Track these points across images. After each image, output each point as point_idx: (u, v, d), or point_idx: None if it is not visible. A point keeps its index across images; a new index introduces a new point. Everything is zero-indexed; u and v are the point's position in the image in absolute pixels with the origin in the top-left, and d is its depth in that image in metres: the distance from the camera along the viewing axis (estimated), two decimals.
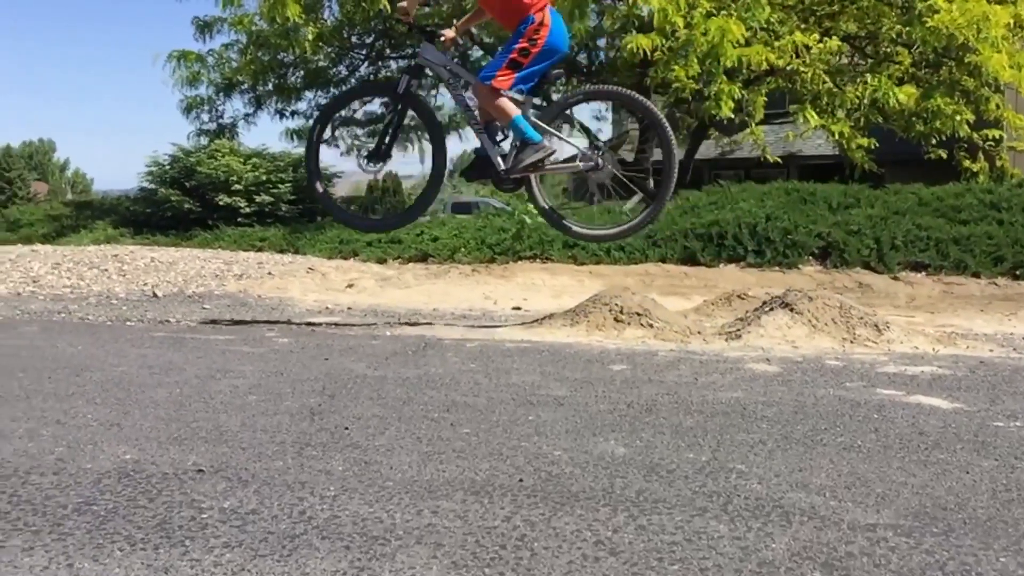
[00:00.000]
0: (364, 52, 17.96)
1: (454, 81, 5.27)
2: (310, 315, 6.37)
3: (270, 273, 9.16)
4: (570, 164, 5.24)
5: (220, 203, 17.93)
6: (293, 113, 18.41)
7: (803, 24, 13.73)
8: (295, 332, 5.28)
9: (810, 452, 2.69)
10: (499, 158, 5.11)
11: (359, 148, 15.50)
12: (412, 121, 17.47)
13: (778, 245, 10.17)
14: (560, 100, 5.56)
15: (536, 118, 5.09)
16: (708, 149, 20.56)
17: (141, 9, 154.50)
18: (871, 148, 13.74)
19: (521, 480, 2.40)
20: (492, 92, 4.90)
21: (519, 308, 7.16)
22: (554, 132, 5.17)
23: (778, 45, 12.77)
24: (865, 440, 2.83)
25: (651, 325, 5.02)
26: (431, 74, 5.66)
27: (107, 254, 9.79)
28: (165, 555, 1.89)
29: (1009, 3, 13.09)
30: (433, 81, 13.67)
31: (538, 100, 5.25)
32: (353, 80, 18.05)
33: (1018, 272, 9.36)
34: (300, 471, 2.47)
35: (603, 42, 16.18)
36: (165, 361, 4.21)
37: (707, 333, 5.00)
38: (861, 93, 13.10)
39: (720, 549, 1.94)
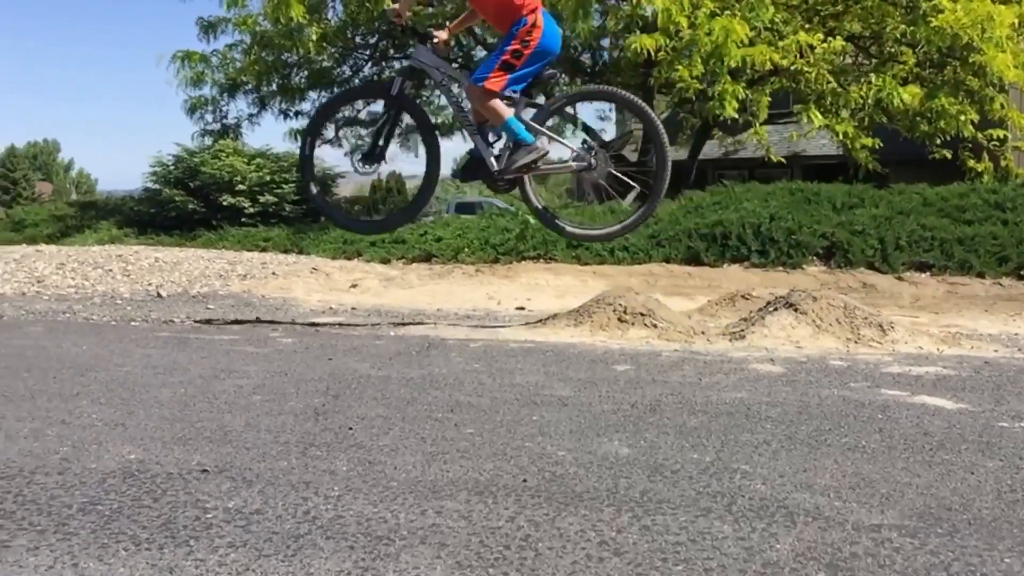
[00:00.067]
0: (368, 52, 17.98)
1: (447, 83, 5.29)
2: (314, 315, 6.38)
3: (274, 273, 9.17)
4: (563, 165, 5.27)
5: (224, 203, 17.93)
6: (297, 113, 18.45)
7: (807, 24, 13.72)
8: (299, 332, 5.28)
9: (814, 452, 2.69)
10: (492, 159, 5.13)
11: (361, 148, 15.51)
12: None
13: (782, 245, 10.16)
14: (553, 101, 5.59)
15: (529, 119, 5.12)
16: (712, 149, 20.54)
17: (145, 9, 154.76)
18: (875, 148, 13.73)
19: (525, 480, 2.40)
20: (485, 94, 4.91)
21: (523, 308, 7.16)
22: (547, 133, 5.19)
23: (782, 45, 12.76)
24: (869, 440, 2.83)
25: (655, 325, 5.01)
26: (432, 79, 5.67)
27: (111, 254, 9.81)
28: (170, 555, 1.89)
29: (1014, 3, 13.08)
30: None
31: (540, 100, 5.27)
32: (357, 80, 18.07)
33: (1023, 272, 9.34)
34: (304, 471, 2.48)
35: (607, 42, 16.19)
36: (169, 361, 4.22)
37: (711, 333, 4.99)
38: (865, 93, 13.09)
39: (724, 549, 1.94)
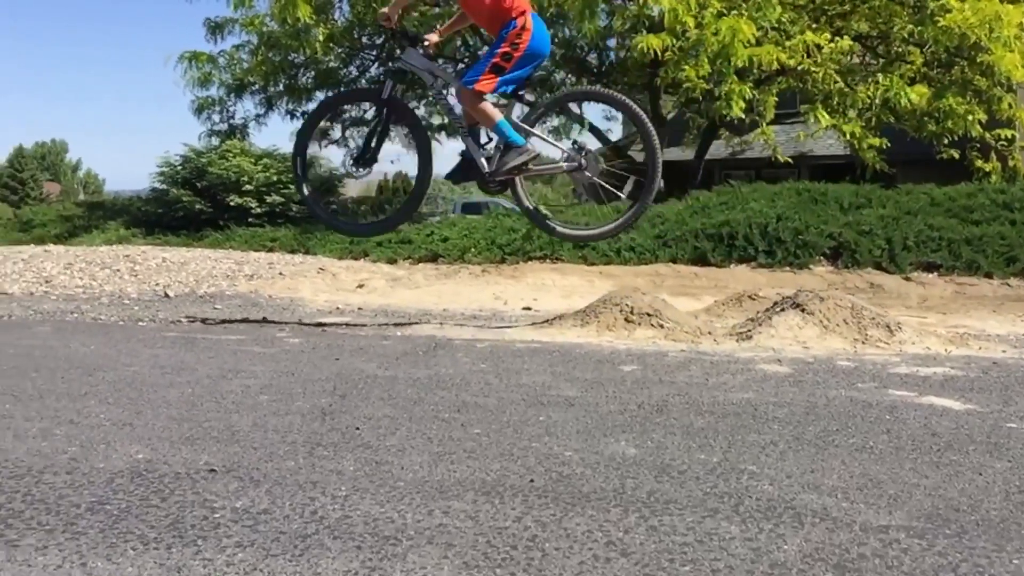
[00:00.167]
0: (374, 53, 17.99)
1: (438, 85, 5.33)
2: (321, 315, 6.38)
3: (281, 273, 9.18)
4: (554, 166, 5.31)
5: (231, 203, 17.98)
6: (304, 114, 18.46)
7: (814, 24, 13.69)
8: (306, 332, 5.29)
9: (822, 453, 2.69)
10: (483, 160, 5.18)
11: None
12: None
13: (789, 245, 10.14)
14: (544, 102, 5.62)
15: (520, 120, 5.16)
16: (719, 149, 20.50)
17: (153, 10, 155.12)
18: (883, 148, 13.68)
19: (532, 481, 2.40)
20: (475, 96, 4.97)
21: (529, 308, 7.16)
22: (537, 134, 5.25)
23: (789, 45, 12.74)
24: (877, 441, 2.82)
25: (662, 326, 5.01)
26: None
27: (119, 254, 9.83)
28: (178, 554, 1.90)
29: (1022, 2, 13.02)
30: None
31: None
32: (364, 81, 18.09)
33: None
34: (311, 471, 2.48)
35: (613, 42, 16.18)
36: (177, 361, 4.23)
37: (718, 334, 4.98)
38: (873, 93, 13.05)
39: (732, 550, 1.93)
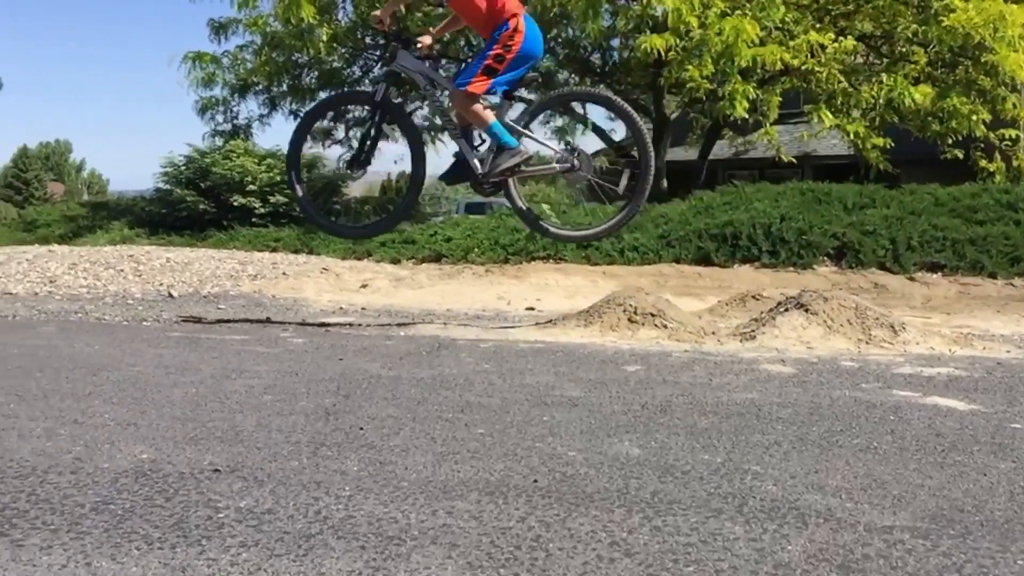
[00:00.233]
0: (378, 53, 17.99)
1: (430, 88, 5.35)
2: (324, 315, 6.39)
3: (284, 273, 9.19)
4: (547, 167, 5.35)
5: (235, 203, 17.99)
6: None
7: (818, 23, 13.67)
8: (309, 332, 5.30)
9: (826, 454, 2.68)
10: (477, 162, 5.20)
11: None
12: (425, 122, 17.50)
13: (793, 246, 10.13)
14: (535, 104, 5.64)
15: (512, 122, 5.19)
16: (722, 149, 20.50)
17: (157, 10, 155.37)
18: (886, 148, 13.67)
19: (536, 481, 2.40)
20: (468, 98, 4.99)
21: (533, 308, 7.16)
22: (530, 135, 5.28)
23: (793, 45, 12.72)
24: (881, 442, 2.82)
25: (665, 326, 5.01)
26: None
27: (123, 254, 9.85)
28: (182, 554, 1.90)
29: None
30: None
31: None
32: (367, 81, 18.09)
33: None
34: (315, 471, 2.48)
35: (617, 42, 16.17)
36: (181, 361, 4.23)
37: (721, 334, 4.98)
38: (876, 93, 13.03)
39: (736, 551, 1.93)
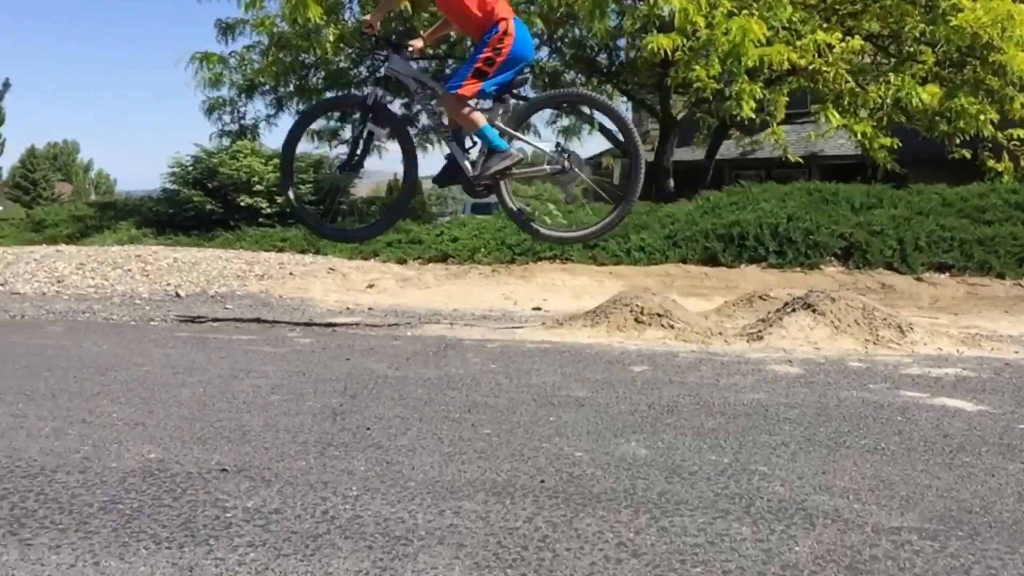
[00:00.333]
0: (384, 54, 18.00)
1: (421, 91, 5.40)
2: (331, 315, 6.40)
3: (291, 273, 9.21)
4: (538, 168, 5.38)
5: (242, 204, 17.99)
6: None
7: (825, 23, 13.63)
8: (316, 332, 5.30)
9: (833, 454, 2.68)
10: (468, 164, 5.24)
11: (379, 149, 15.52)
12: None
13: (800, 246, 10.11)
14: (525, 105, 5.66)
15: (503, 124, 5.22)
16: (729, 149, 20.47)
17: (163, 11, 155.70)
18: (894, 148, 13.62)
19: (543, 481, 2.40)
20: (459, 101, 5.03)
21: (539, 309, 7.16)
22: (520, 137, 5.32)
23: (800, 44, 12.69)
24: (889, 442, 2.81)
25: (672, 326, 5.00)
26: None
27: (130, 254, 9.87)
28: (190, 554, 1.91)
29: None
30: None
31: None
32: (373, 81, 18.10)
33: None
34: (322, 471, 2.49)
35: (623, 42, 16.14)
36: (188, 361, 4.24)
37: (728, 334, 4.98)
38: (884, 92, 12.99)
39: (743, 551, 1.93)
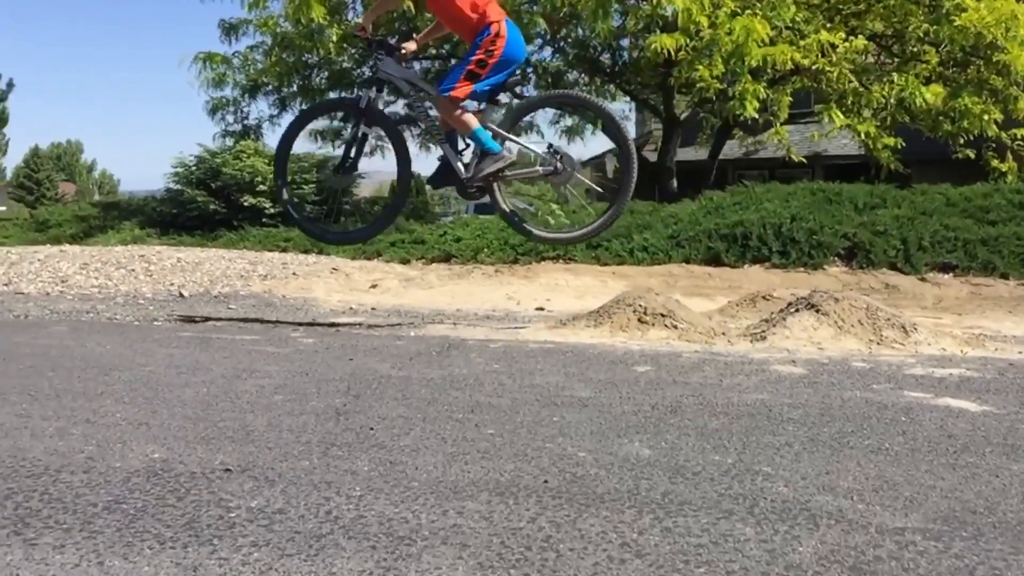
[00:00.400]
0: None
1: (414, 94, 5.41)
2: (334, 315, 6.40)
3: (295, 273, 9.21)
4: (530, 170, 5.42)
5: (245, 204, 18.01)
6: None
7: (829, 23, 13.62)
8: (320, 332, 5.31)
9: (837, 455, 2.67)
10: (461, 166, 5.27)
11: (383, 150, 15.51)
12: (437, 122, 17.52)
13: (803, 246, 10.09)
14: (517, 107, 5.66)
15: (496, 126, 5.24)
16: (732, 149, 20.45)
17: (167, 11, 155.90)
18: (897, 148, 13.61)
19: (546, 481, 2.40)
20: (452, 103, 5.06)
21: (542, 309, 7.16)
22: (513, 139, 5.34)
23: (803, 44, 12.67)
24: (893, 443, 2.81)
25: (675, 326, 5.00)
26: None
27: (134, 254, 9.88)
28: (194, 553, 1.91)
29: None
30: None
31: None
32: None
33: None
34: (326, 471, 2.49)
35: (626, 42, 16.14)
36: (192, 361, 4.25)
37: (732, 334, 4.97)
38: (887, 92, 12.98)
39: (747, 552, 1.93)
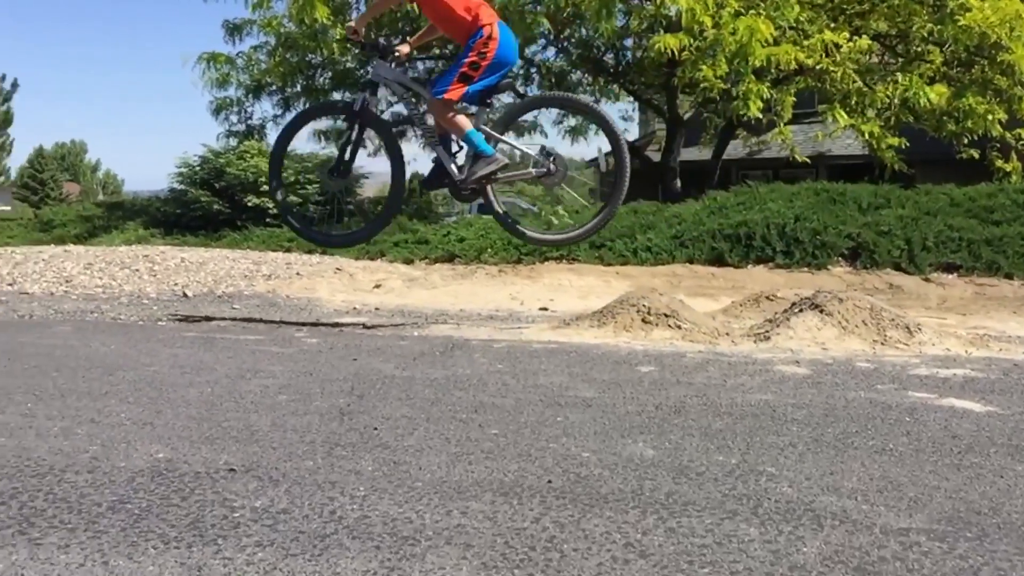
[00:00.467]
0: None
1: (408, 96, 5.44)
2: (338, 315, 6.41)
3: (298, 273, 9.22)
4: (523, 172, 5.43)
5: (249, 204, 18.03)
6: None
7: (833, 23, 13.61)
8: (324, 332, 5.31)
9: (841, 455, 2.67)
10: (455, 168, 5.28)
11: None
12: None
13: (807, 246, 10.09)
14: (509, 110, 5.69)
15: (489, 128, 5.26)
16: (736, 149, 20.43)
17: (171, 11, 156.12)
18: (901, 148, 13.59)
19: (550, 482, 2.40)
20: (445, 106, 5.08)
21: (546, 309, 7.16)
22: (506, 140, 5.36)
23: (807, 44, 12.67)
24: (897, 443, 2.81)
25: (679, 326, 4.99)
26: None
27: (138, 254, 9.90)
28: (198, 553, 1.91)
29: None
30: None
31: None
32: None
33: None
34: (330, 471, 2.49)
35: (630, 42, 16.14)
36: (196, 361, 4.25)
37: (736, 335, 4.97)
38: (891, 92, 12.96)
39: (751, 552, 1.93)
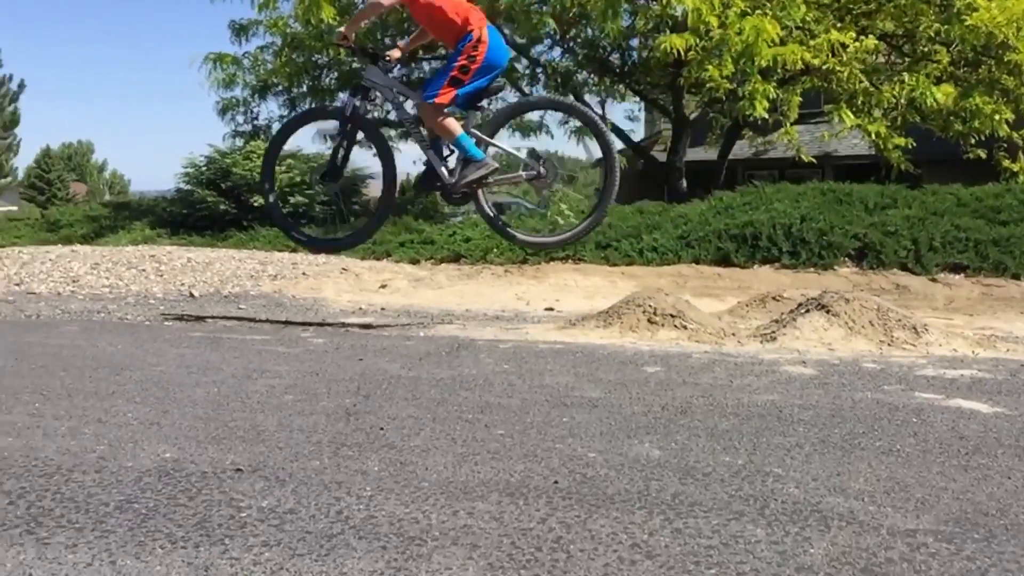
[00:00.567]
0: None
1: (399, 101, 5.47)
2: (344, 315, 6.41)
3: (304, 273, 9.23)
4: (514, 175, 5.45)
5: (255, 204, 18.02)
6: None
7: (839, 23, 13.58)
8: (330, 332, 5.32)
9: (848, 456, 2.67)
10: (445, 172, 5.31)
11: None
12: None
13: (813, 246, 10.06)
14: (499, 114, 5.70)
15: (480, 132, 5.28)
16: (742, 149, 20.40)
17: (178, 11, 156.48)
18: (908, 148, 13.55)
19: (556, 482, 2.40)
20: (435, 110, 5.10)
21: (552, 309, 7.15)
22: (497, 145, 5.39)
23: (814, 44, 12.65)
24: (904, 444, 2.80)
25: (685, 327, 4.99)
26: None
27: (144, 254, 9.91)
28: (205, 553, 1.92)
29: None
30: None
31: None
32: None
33: None
34: (336, 471, 2.49)
35: (636, 42, 16.12)
36: (203, 361, 4.26)
37: (742, 335, 4.96)
38: (898, 92, 12.93)
39: (757, 553, 1.93)
